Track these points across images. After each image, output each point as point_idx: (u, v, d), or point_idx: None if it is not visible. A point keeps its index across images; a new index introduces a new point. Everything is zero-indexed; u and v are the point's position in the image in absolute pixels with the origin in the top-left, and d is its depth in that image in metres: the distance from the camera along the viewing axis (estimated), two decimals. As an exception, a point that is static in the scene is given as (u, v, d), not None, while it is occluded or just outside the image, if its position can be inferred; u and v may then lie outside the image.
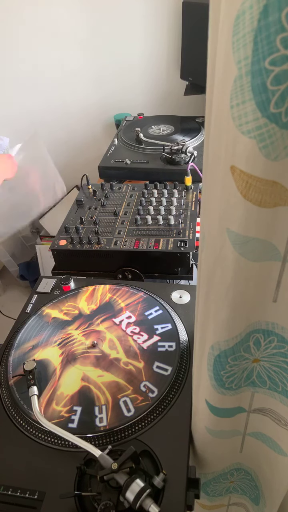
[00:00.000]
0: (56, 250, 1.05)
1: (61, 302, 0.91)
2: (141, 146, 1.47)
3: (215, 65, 0.33)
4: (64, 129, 2.14)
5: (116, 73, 1.98)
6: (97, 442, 0.65)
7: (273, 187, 0.33)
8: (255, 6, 0.26)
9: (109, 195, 1.23)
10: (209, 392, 0.57)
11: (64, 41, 1.87)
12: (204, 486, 0.82)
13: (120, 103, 2.05)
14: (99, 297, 0.92)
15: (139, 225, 1.08)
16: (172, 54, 1.89)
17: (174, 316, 0.85)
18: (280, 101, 0.28)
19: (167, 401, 0.70)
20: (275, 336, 0.49)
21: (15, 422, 0.69)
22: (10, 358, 0.79)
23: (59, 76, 1.97)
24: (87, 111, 2.11)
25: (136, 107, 1.98)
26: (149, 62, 1.94)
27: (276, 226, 0.37)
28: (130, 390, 0.71)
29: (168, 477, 0.59)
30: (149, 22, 1.82)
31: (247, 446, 0.70)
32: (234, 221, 0.38)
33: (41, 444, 0.66)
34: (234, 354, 0.50)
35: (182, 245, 0.99)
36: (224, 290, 0.44)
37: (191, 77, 1.80)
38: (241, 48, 0.28)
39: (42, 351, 0.80)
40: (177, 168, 1.33)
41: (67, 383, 0.74)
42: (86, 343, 0.81)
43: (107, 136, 2.16)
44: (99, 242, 1.03)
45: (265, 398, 0.58)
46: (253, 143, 0.31)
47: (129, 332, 0.82)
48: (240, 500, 0.89)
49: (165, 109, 2.01)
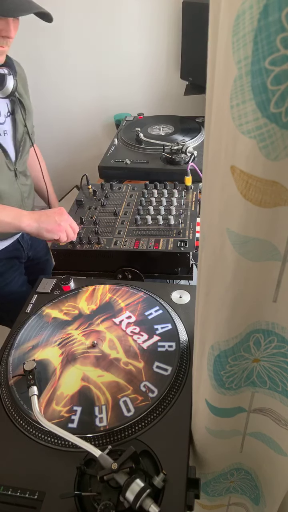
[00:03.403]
0: (56, 250, 1.05)
1: (61, 302, 0.91)
2: (141, 146, 1.47)
3: (215, 65, 0.33)
4: (64, 129, 2.14)
5: (116, 73, 1.99)
6: (97, 442, 0.65)
7: (273, 187, 0.33)
8: (255, 6, 0.26)
9: (109, 195, 1.23)
10: (209, 392, 0.57)
11: (64, 41, 1.87)
12: (204, 486, 0.82)
13: (120, 103, 2.05)
14: (99, 297, 0.92)
15: (139, 225, 1.08)
16: (172, 54, 1.89)
17: (174, 316, 0.85)
18: (280, 101, 0.28)
19: (167, 401, 0.70)
20: (275, 336, 0.49)
21: (15, 422, 0.69)
22: (10, 358, 0.79)
23: (59, 76, 1.97)
24: (87, 111, 2.11)
25: (136, 107, 1.98)
26: (149, 62, 1.94)
27: (276, 226, 0.37)
28: (130, 390, 0.71)
29: (168, 477, 0.59)
30: (149, 22, 1.82)
31: (247, 446, 0.70)
32: (234, 221, 0.38)
33: (41, 444, 0.66)
34: (234, 354, 0.50)
35: (182, 245, 0.99)
36: (224, 290, 0.44)
37: (191, 77, 1.80)
38: (241, 48, 0.28)
39: (42, 351, 0.80)
40: (177, 168, 1.32)
41: (67, 383, 0.74)
42: (86, 343, 0.81)
43: (107, 136, 2.16)
44: (99, 242, 1.03)
45: (265, 398, 0.58)
46: (253, 143, 0.31)
47: (129, 332, 0.82)
48: (240, 500, 0.89)
49: (165, 109, 2.01)
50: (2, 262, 1.25)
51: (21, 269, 1.33)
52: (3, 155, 1.09)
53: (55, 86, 1.99)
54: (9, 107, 1.12)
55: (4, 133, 1.10)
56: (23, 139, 1.16)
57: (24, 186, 1.22)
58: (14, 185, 1.17)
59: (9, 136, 1.13)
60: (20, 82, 1.15)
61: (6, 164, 1.11)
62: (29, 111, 1.19)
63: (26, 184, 1.24)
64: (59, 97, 2.03)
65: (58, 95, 2.02)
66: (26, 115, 1.15)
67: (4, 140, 1.10)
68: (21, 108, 1.13)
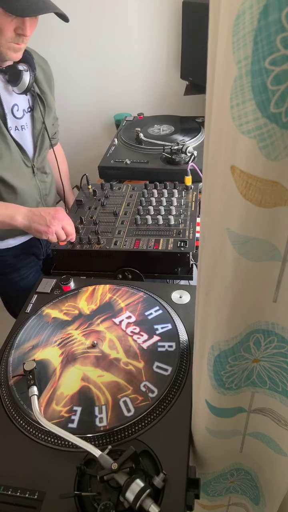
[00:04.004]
0: (56, 250, 1.05)
1: (61, 302, 0.91)
2: (141, 146, 1.47)
3: (215, 65, 0.33)
4: (64, 129, 2.14)
5: (116, 73, 1.98)
6: (97, 442, 0.65)
7: (273, 187, 0.33)
8: (255, 6, 0.26)
9: (109, 195, 1.23)
10: (209, 392, 0.57)
11: (64, 41, 1.87)
12: (204, 486, 0.82)
13: (120, 103, 2.05)
14: (99, 297, 0.92)
15: (139, 225, 1.08)
16: (172, 54, 1.89)
17: (174, 316, 0.85)
18: (280, 101, 0.28)
19: (167, 401, 0.70)
20: (275, 336, 0.49)
21: (15, 422, 0.69)
22: (10, 358, 0.79)
23: (59, 76, 1.97)
24: (87, 111, 2.11)
25: (136, 107, 1.98)
26: (149, 62, 1.94)
27: (276, 226, 0.37)
28: (130, 390, 0.71)
29: (168, 477, 0.59)
30: (149, 22, 1.82)
31: (247, 446, 0.70)
32: (234, 221, 0.38)
33: (41, 444, 0.66)
34: (234, 354, 0.50)
35: (182, 245, 0.99)
36: (224, 290, 0.44)
37: (191, 77, 1.79)
38: (241, 48, 0.28)
39: (42, 351, 0.80)
40: (177, 168, 1.32)
41: (67, 383, 0.74)
42: (86, 343, 0.81)
43: (107, 136, 2.16)
44: (99, 242, 1.03)
45: (265, 398, 0.58)
46: (253, 143, 0.31)
47: (129, 332, 0.82)
48: (240, 500, 0.89)
49: (165, 109, 2.01)
50: (19, 257, 1.26)
51: (38, 266, 1.34)
52: (19, 152, 1.10)
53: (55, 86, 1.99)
54: (30, 103, 1.13)
55: (22, 128, 1.11)
56: (40, 135, 1.16)
57: (43, 183, 1.23)
58: (32, 182, 1.17)
59: (28, 132, 1.13)
60: (44, 79, 1.17)
61: (23, 160, 1.12)
62: (50, 108, 1.20)
63: (46, 181, 1.24)
64: (59, 97, 2.01)
65: (58, 95, 2.01)
66: (45, 112, 1.16)
67: (21, 135, 1.11)
68: (40, 104, 1.14)
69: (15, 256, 1.25)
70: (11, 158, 1.07)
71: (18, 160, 1.10)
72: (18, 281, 1.28)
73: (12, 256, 1.25)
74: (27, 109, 1.12)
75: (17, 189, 1.11)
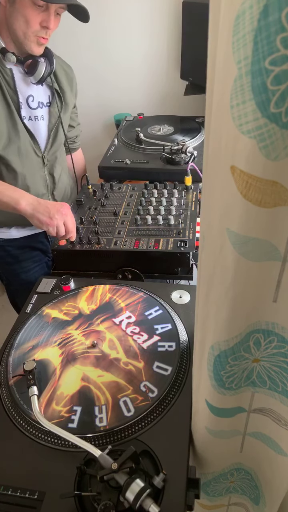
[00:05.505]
0: (56, 250, 1.05)
1: (61, 302, 0.91)
2: (141, 146, 1.47)
3: (215, 65, 0.33)
4: (64, 129, 2.14)
5: (116, 73, 1.98)
6: (97, 442, 0.65)
7: (273, 187, 0.33)
8: (255, 6, 0.26)
9: (109, 195, 1.23)
10: (209, 392, 0.57)
11: (64, 41, 1.86)
12: (204, 486, 0.82)
13: (120, 103, 2.05)
14: (99, 297, 0.92)
15: (139, 225, 1.08)
16: (172, 54, 1.89)
17: (174, 316, 0.85)
18: (280, 101, 0.28)
19: (167, 401, 0.70)
20: (275, 336, 0.49)
21: (15, 422, 0.69)
22: (10, 358, 0.79)
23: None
24: (87, 111, 2.10)
25: (136, 107, 1.98)
26: (149, 62, 1.94)
27: (276, 226, 0.37)
28: (130, 390, 0.71)
29: (168, 477, 0.59)
30: (149, 22, 1.82)
31: (247, 446, 0.70)
32: (234, 221, 0.38)
33: (41, 444, 0.66)
34: (234, 354, 0.50)
35: (182, 245, 0.99)
36: (224, 290, 0.44)
37: (191, 77, 1.79)
38: (241, 48, 0.28)
39: (42, 351, 0.80)
40: (177, 168, 1.33)
41: (67, 383, 0.74)
42: (86, 343, 0.81)
43: (107, 136, 2.16)
44: (99, 242, 1.03)
45: (265, 398, 0.58)
46: (253, 143, 0.31)
47: (129, 332, 0.82)
48: (240, 500, 0.89)
49: (165, 109, 2.01)
50: (23, 250, 1.28)
51: (44, 263, 1.36)
52: (30, 140, 1.14)
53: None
54: (50, 98, 1.19)
55: (36, 119, 1.16)
56: (54, 128, 1.21)
57: (51, 177, 1.25)
58: (40, 172, 1.20)
59: (43, 124, 1.19)
60: (66, 80, 1.23)
61: (33, 148, 1.16)
62: (67, 104, 1.25)
63: (54, 176, 1.27)
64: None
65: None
66: (62, 107, 1.22)
67: (35, 125, 1.16)
68: (57, 99, 1.20)
69: (18, 247, 1.28)
70: (20, 144, 1.11)
71: (28, 148, 1.14)
72: (19, 273, 1.29)
73: (15, 247, 1.28)
74: (45, 103, 1.18)
75: (19, 174, 1.14)
